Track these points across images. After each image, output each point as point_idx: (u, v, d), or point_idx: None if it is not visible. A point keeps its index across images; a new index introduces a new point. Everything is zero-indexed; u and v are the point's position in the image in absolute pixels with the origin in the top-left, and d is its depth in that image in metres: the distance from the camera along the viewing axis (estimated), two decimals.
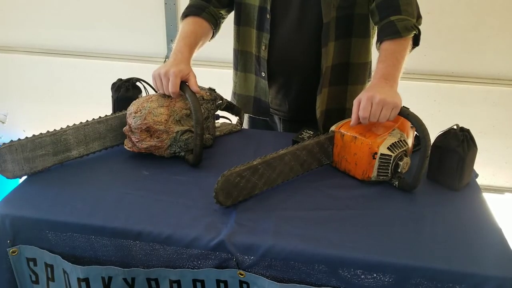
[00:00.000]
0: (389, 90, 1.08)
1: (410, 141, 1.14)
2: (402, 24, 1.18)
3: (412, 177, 1.05)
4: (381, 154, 1.06)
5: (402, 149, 1.08)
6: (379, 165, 1.07)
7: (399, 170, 1.08)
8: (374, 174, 1.08)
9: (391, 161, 1.06)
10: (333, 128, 1.15)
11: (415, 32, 1.20)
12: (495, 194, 2.52)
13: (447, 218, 0.99)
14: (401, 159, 1.07)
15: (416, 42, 1.23)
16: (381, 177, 1.08)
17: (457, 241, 0.91)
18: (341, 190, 1.08)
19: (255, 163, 0.98)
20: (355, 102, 1.09)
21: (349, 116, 1.12)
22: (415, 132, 1.18)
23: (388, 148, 1.06)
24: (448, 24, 2.20)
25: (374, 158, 1.06)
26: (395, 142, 1.07)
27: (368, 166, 1.07)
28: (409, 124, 1.13)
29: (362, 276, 0.86)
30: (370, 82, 1.19)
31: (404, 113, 1.06)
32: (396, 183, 1.08)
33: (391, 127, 1.10)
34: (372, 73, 1.22)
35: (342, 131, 1.12)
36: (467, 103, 2.33)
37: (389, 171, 1.08)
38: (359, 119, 1.08)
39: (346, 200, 1.04)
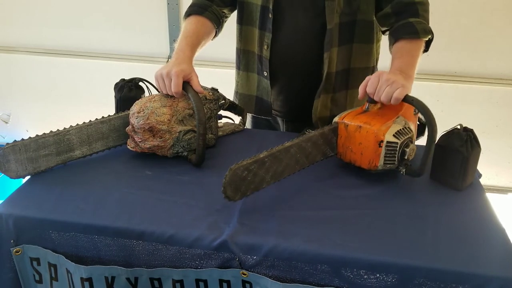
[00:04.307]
0: (401, 78, 1.07)
1: (413, 129, 1.13)
2: (420, 26, 1.20)
3: (419, 164, 1.05)
4: (387, 142, 1.04)
5: (407, 136, 1.07)
6: (385, 153, 1.05)
7: (405, 157, 1.07)
8: (380, 162, 1.06)
9: (398, 148, 1.05)
10: (336, 119, 1.13)
11: (430, 36, 1.22)
12: (498, 194, 2.52)
13: (450, 218, 0.98)
14: (407, 145, 1.06)
15: (427, 47, 1.25)
16: (388, 165, 1.07)
17: (460, 241, 0.91)
18: (344, 190, 1.07)
19: (261, 156, 0.96)
20: (365, 80, 1.09)
21: None
22: (417, 122, 1.17)
23: (394, 135, 1.05)
24: (451, 24, 2.19)
25: (380, 146, 1.05)
26: (400, 129, 1.06)
27: (374, 155, 1.06)
28: (411, 112, 1.12)
29: (365, 276, 0.86)
30: None
31: (409, 99, 1.05)
32: (403, 170, 1.07)
33: (395, 114, 1.09)
34: None
35: (345, 121, 1.10)
36: (470, 103, 2.33)
37: (396, 158, 1.06)
38: (365, 94, 1.08)
39: (349, 200, 1.04)
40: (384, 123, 1.06)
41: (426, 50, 1.25)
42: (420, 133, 1.20)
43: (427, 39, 1.22)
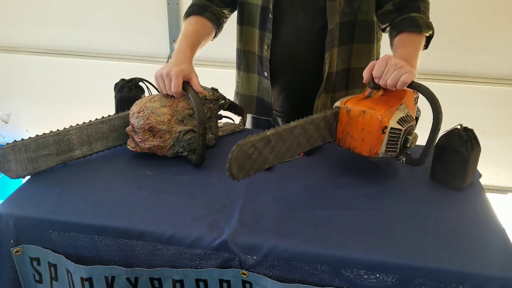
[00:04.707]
0: (407, 64, 1.06)
1: (414, 118, 1.13)
2: (423, 21, 1.22)
3: (421, 151, 1.04)
4: (391, 128, 1.02)
5: (410, 124, 1.06)
6: (388, 140, 1.03)
7: (407, 145, 1.06)
8: (382, 150, 1.04)
9: (401, 136, 1.04)
10: (337, 104, 1.11)
11: (431, 31, 1.22)
12: (498, 194, 2.52)
13: (450, 218, 0.99)
14: (409, 133, 1.06)
15: (427, 43, 1.25)
16: (389, 153, 1.05)
17: (460, 241, 0.91)
18: (344, 189, 1.07)
19: (268, 133, 0.93)
20: (370, 63, 1.07)
21: None
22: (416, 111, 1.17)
23: (398, 122, 1.03)
24: (451, 24, 2.19)
25: (384, 133, 1.02)
26: (404, 116, 1.05)
27: (376, 142, 1.04)
28: (412, 101, 1.11)
29: (365, 276, 0.86)
30: None
31: (416, 85, 1.04)
32: (404, 159, 1.06)
33: (398, 102, 1.07)
34: None
35: (348, 106, 1.08)
36: (470, 103, 2.33)
37: (398, 146, 1.05)
38: (370, 77, 1.07)
39: (349, 199, 1.04)
40: (388, 109, 1.04)
41: (426, 46, 1.26)
42: None
43: (428, 34, 1.23)
